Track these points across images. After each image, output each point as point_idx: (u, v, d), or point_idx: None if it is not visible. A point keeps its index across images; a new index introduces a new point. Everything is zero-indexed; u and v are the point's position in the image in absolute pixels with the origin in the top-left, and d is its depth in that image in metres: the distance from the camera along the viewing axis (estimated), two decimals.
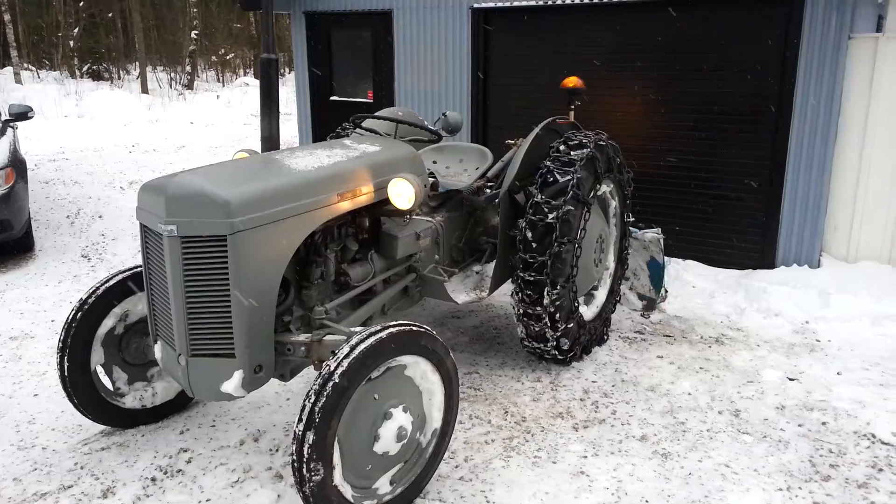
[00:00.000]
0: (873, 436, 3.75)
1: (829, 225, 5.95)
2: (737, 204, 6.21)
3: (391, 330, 2.84)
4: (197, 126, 16.15)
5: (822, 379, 4.38)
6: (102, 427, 3.77)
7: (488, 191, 4.81)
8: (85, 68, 28.53)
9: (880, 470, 3.45)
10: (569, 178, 4.16)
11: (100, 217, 8.15)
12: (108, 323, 3.60)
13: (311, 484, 2.63)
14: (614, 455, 3.57)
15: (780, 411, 4.00)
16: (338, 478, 2.75)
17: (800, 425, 3.85)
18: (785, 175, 5.92)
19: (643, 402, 4.10)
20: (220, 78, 32.35)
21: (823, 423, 3.87)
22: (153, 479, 3.36)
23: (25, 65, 27.70)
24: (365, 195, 3.57)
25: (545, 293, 4.10)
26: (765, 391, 4.24)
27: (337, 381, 2.64)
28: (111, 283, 3.59)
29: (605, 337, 4.90)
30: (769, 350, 4.80)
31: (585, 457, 3.55)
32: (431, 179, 4.34)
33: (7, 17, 24.23)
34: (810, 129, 5.77)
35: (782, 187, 5.95)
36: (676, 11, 6.18)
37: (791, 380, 4.38)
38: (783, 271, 5.91)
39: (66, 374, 3.48)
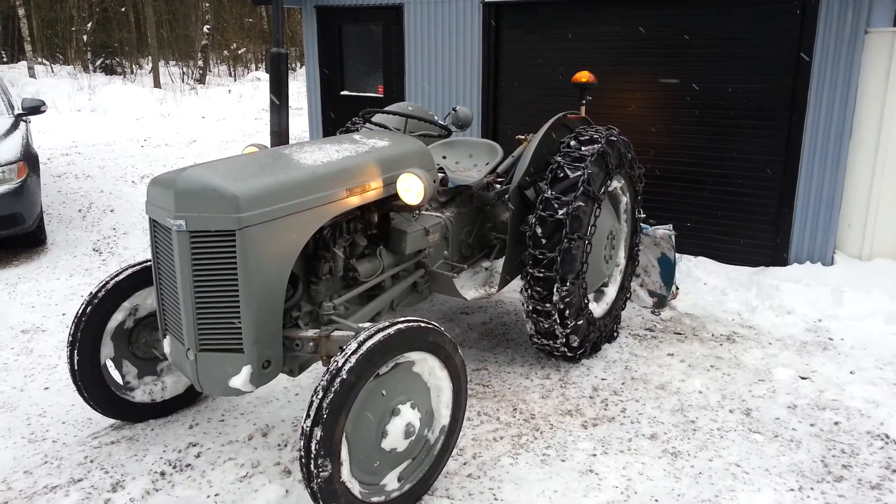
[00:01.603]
0: (887, 436, 3.71)
1: (842, 222, 5.88)
2: (749, 200, 6.15)
3: (399, 326, 2.83)
4: (209, 120, 16.21)
5: (834, 378, 4.33)
6: (112, 421, 3.79)
7: (498, 186, 4.78)
8: (98, 63, 28.66)
9: (894, 471, 3.41)
10: (579, 173, 4.13)
11: (111, 211, 8.20)
12: (117, 317, 3.60)
13: (319, 480, 2.63)
14: (624, 453, 3.54)
15: (792, 410, 3.97)
16: (345, 474, 2.74)
17: (812, 425, 3.81)
18: (798, 171, 5.85)
19: (653, 400, 4.08)
20: (232, 72, 32.43)
21: (836, 423, 3.83)
22: (162, 473, 3.37)
23: (39, 59, 27.86)
24: (374, 190, 3.56)
25: (555, 289, 4.08)
26: (776, 390, 4.20)
27: (345, 376, 2.63)
28: (121, 277, 3.60)
29: (616, 334, 4.87)
30: (781, 348, 4.75)
31: (594, 455, 3.53)
32: (441, 175, 4.32)
33: (21, 11, 24.37)
34: (825, 125, 5.70)
35: (796, 184, 5.88)
36: (690, 5, 6.12)
37: (803, 378, 4.34)
38: (796, 269, 5.85)
39: (75, 367, 3.49)
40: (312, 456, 2.60)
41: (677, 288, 5.51)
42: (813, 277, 5.63)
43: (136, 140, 12.93)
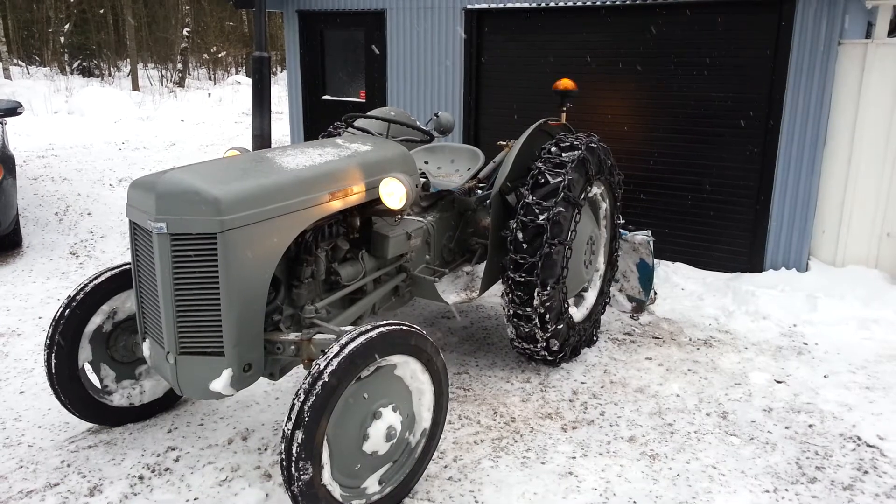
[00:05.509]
0: (859, 438, 3.78)
1: (817, 229, 5.99)
2: (726, 207, 6.25)
3: (381, 329, 2.84)
4: (188, 124, 16.07)
5: (808, 382, 4.41)
6: (89, 425, 3.75)
7: (479, 191, 4.82)
8: (75, 65, 28.31)
9: (865, 472, 3.48)
10: (560, 179, 4.17)
11: (88, 214, 8.10)
12: (96, 320, 3.57)
13: (300, 483, 2.62)
14: (602, 456, 3.58)
15: (768, 413, 4.03)
16: (326, 477, 2.74)
17: (787, 427, 3.88)
18: (774, 179, 5.96)
19: (632, 404, 4.12)
20: (212, 76, 32.20)
21: (810, 426, 3.90)
22: (140, 478, 3.34)
23: (15, 60, 27.46)
24: (356, 194, 3.57)
25: (535, 294, 4.11)
26: (752, 393, 4.26)
27: (326, 380, 2.63)
28: (99, 280, 3.57)
29: (595, 338, 4.92)
30: (757, 353, 4.83)
31: (574, 457, 3.56)
32: (423, 179, 4.35)
33: None
34: (799, 134, 5.81)
35: (771, 191, 5.99)
36: (668, 15, 6.22)
37: (778, 382, 4.41)
38: (771, 275, 5.95)
39: (53, 371, 3.45)
40: (293, 459, 2.60)
41: (655, 293, 5.58)
42: (788, 283, 5.72)
43: (113, 143, 12.79)
